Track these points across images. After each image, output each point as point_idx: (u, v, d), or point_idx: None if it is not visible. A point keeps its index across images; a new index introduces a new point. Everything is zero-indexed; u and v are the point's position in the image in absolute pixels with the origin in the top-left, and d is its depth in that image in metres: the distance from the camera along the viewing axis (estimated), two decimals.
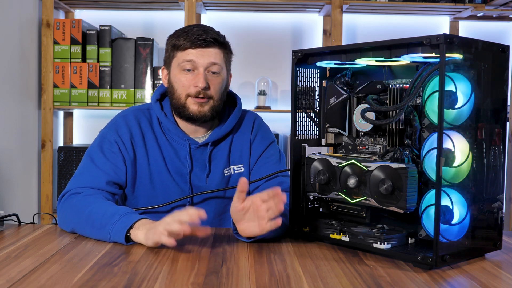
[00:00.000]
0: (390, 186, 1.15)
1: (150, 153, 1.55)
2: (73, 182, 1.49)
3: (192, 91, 1.49)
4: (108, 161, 1.51)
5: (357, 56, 1.24)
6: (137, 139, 1.54)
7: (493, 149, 1.21)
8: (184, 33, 1.49)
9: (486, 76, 1.19)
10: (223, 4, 2.92)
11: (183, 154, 1.55)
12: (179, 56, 1.50)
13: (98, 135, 1.57)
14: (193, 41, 1.47)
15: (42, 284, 0.98)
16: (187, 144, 1.55)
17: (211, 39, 1.49)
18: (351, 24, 3.11)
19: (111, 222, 1.29)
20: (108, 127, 1.57)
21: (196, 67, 1.48)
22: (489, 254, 1.23)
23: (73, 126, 3.06)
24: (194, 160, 1.56)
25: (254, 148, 1.62)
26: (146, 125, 1.56)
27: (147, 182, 1.54)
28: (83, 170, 1.51)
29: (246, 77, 3.10)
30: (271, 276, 1.04)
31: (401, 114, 1.18)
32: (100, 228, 1.30)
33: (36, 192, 2.80)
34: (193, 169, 1.56)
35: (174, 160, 1.55)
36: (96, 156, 1.52)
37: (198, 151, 1.56)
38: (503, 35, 3.14)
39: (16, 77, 2.56)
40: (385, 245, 1.16)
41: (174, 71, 1.52)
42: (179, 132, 1.55)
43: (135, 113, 1.57)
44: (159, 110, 1.55)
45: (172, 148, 1.56)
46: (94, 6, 2.97)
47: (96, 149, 1.53)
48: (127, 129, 1.54)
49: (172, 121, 1.55)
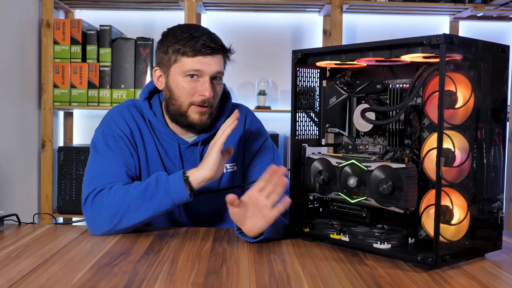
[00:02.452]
0: (390, 186, 1.15)
1: (148, 148, 1.52)
2: (93, 183, 1.41)
3: (197, 100, 1.45)
4: (118, 156, 1.46)
5: (357, 56, 1.24)
6: (136, 134, 1.51)
7: (493, 149, 1.21)
8: (191, 40, 1.43)
9: (486, 76, 1.19)
10: (223, 4, 2.92)
11: (173, 153, 1.53)
12: (184, 62, 1.44)
13: (98, 134, 1.51)
14: (201, 49, 1.42)
15: (42, 284, 0.98)
16: (176, 144, 1.52)
17: (219, 47, 1.45)
18: (351, 24, 3.11)
19: (164, 187, 1.33)
20: (107, 124, 1.51)
21: (202, 75, 1.44)
22: (489, 254, 1.23)
23: (73, 126, 3.06)
24: (184, 160, 1.53)
25: (247, 147, 1.59)
26: (141, 121, 1.53)
27: (145, 177, 1.51)
28: (98, 170, 1.44)
29: (246, 77, 3.10)
30: (271, 276, 1.04)
31: (401, 114, 1.18)
32: (155, 197, 1.33)
33: (36, 192, 2.80)
34: (184, 169, 1.54)
35: (165, 160, 1.53)
36: (106, 154, 1.46)
37: (189, 150, 1.54)
38: (503, 35, 3.14)
39: (16, 77, 2.56)
40: (385, 245, 1.16)
41: (175, 76, 1.46)
42: (169, 132, 1.51)
43: (128, 108, 1.54)
44: (147, 109, 1.52)
45: (162, 147, 1.53)
46: (94, 6, 2.97)
47: (104, 147, 1.48)
48: (125, 124, 1.51)
49: (162, 121, 1.52)
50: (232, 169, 1.57)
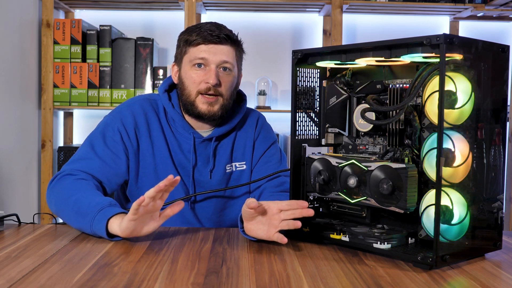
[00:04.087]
0: (390, 186, 1.15)
1: (156, 143, 1.53)
2: (69, 165, 1.47)
3: (202, 87, 1.48)
4: (108, 149, 1.49)
5: (357, 56, 1.24)
6: (142, 128, 1.52)
7: (493, 149, 1.21)
8: (197, 29, 1.48)
9: (486, 76, 1.19)
10: (223, 4, 2.92)
11: (187, 147, 1.54)
12: (191, 52, 1.48)
13: (102, 122, 1.55)
14: (206, 36, 1.46)
15: (42, 284, 0.98)
16: (191, 137, 1.54)
17: (224, 35, 1.47)
18: (351, 24, 3.11)
19: (93, 211, 1.28)
20: (113, 115, 1.54)
21: (208, 63, 1.47)
22: (489, 254, 1.23)
23: (73, 126, 3.06)
24: (198, 154, 1.55)
25: (257, 147, 1.62)
26: (153, 115, 1.54)
27: (151, 172, 1.53)
28: (81, 155, 1.49)
29: (246, 77, 3.10)
30: (271, 276, 1.04)
31: (401, 114, 1.18)
32: (84, 216, 1.29)
33: (36, 192, 2.80)
34: (196, 163, 1.55)
35: (178, 153, 1.54)
36: (96, 143, 1.50)
37: (202, 145, 1.55)
38: (503, 35, 3.14)
39: (16, 77, 2.56)
40: (385, 245, 1.16)
41: (185, 67, 1.51)
42: (185, 124, 1.53)
43: (141, 102, 1.56)
44: (166, 100, 1.54)
45: (176, 140, 1.55)
46: (94, 6, 2.97)
47: (97, 136, 1.51)
48: (131, 119, 1.52)
49: (179, 113, 1.54)
50: (241, 167, 1.60)
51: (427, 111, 1.16)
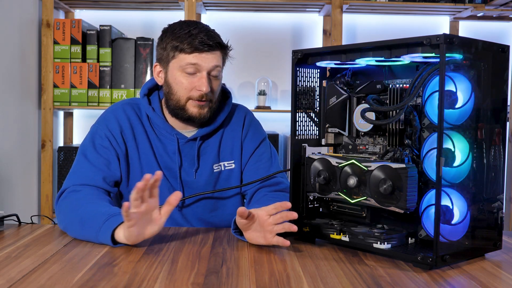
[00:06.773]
0: (390, 186, 1.15)
1: (141, 147, 1.54)
2: (70, 180, 1.48)
3: (194, 95, 1.48)
4: (101, 156, 1.50)
5: (357, 56, 1.24)
6: (127, 132, 1.54)
7: (493, 149, 1.21)
8: (189, 37, 1.45)
9: (486, 76, 1.19)
10: (223, 4, 2.92)
11: (172, 149, 1.55)
12: (181, 58, 1.47)
13: (90, 131, 1.57)
14: (197, 46, 1.45)
15: (42, 284, 0.98)
16: (175, 139, 1.54)
17: (215, 44, 1.47)
18: (351, 24, 3.11)
19: (99, 221, 1.27)
20: (98, 122, 1.56)
21: (199, 70, 1.47)
22: (489, 254, 1.23)
23: (73, 126, 3.06)
24: (183, 155, 1.55)
25: (245, 146, 1.61)
26: (135, 119, 1.55)
27: (139, 175, 1.53)
28: (77, 167, 1.50)
29: (246, 77, 3.10)
30: (271, 276, 1.04)
31: (401, 114, 1.18)
32: (90, 228, 1.28)
33: (36, 192, 2.80)
34: (182, 164, 1.55)
35: (163, 155, 1.55)
36: (88, 152, 1.51)
37: (187, 145, 1.56)
38: (503, 35, 3.14)
39: (16, 77, 2.56)
40: (385, 245, 1.16)
41: (173, 71, 1.49)
42: (167, 127, 1.54)
43: (124, 107, 1.57)
44: (146, 105, 1.55)
45: (161, 143, 1.55)
46: (94, 6, 2.97)
47: (88, 145, 1.52)
48: (116, 123, 1.53)
49: (160, 116, 1.54)
50: (230, 167, 1.59)
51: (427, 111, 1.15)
